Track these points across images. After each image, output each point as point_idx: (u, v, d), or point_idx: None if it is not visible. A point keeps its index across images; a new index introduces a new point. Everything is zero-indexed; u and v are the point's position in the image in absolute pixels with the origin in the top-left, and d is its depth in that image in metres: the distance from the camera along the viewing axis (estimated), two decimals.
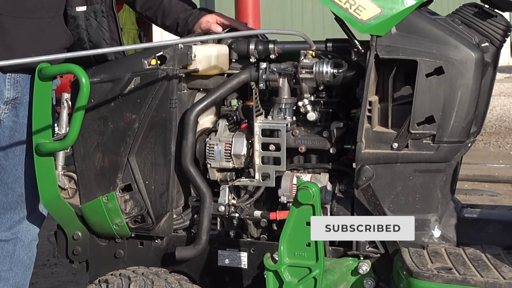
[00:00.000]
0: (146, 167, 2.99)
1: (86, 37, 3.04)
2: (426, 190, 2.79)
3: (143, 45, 3.06)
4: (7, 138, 3.04)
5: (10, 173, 3.07)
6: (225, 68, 3.07)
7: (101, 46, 3.05)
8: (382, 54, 2.75)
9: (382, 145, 2.78)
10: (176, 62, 2.92)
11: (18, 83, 3.00)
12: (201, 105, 2.98)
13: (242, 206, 2.98)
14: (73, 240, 3.13)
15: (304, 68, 2.92)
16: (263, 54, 3.05)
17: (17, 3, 2.92)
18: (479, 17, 2.83)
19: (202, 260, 3.02)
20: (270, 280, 2.65)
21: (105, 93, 2.97)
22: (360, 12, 2.74)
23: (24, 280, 3.21)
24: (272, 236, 2.99)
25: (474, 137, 2.89)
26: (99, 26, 3.04)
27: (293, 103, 2.97)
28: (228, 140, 2.97)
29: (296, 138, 2.94)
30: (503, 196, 6.53)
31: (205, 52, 2.98)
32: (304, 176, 2.93)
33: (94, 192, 3.03)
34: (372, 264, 2.84)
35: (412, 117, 2.73)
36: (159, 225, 3.02)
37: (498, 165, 7.88)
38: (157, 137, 2.97)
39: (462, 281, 2.54)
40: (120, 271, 2.93)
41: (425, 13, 2.80)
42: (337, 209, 2.88)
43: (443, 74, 2.70)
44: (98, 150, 3.01)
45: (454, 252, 2.75)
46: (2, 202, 3.10)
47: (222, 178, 2.99)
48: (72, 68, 2.85)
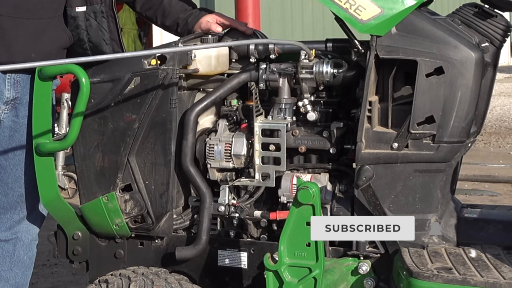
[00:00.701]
0: (146, 167, 2.99)
1: (86, 37, 3.04)
2: (426, 190, 2.79)
3: (144, 52, 3.03)
4: (7, 138, 3.04)
5: (10, 173, 3.07)
6: (225, 68, 3.07)
7: (101, 46, 3.04)
8: (382, 54, 2.75)
9: (382, 145, 2.78)
10: (176, 62, 2.92)
11: (18, 83, 3.00)
12: (201, 105, 2.98)
13: (242, 206, 2.98)
14: (73, 240, 3.13)
15: (304, 68, 2.92)
16: (263, 54, 3.05)
17: (16, 3, 2.92)
18: (479, 17, 2.83)
19: (202, 260, 3.02)
20: (270, 280, 2.65)
21: (105, 93, 2.97)
22: (360, 12, 2.74)
23: (24, 280, 3.21)
24: (272, 236, 2.99)
25: (474, 137, 2.89)
26: (99, 26, 3.03)
27: (293, 103, 2.97)
28: (228, 140, 2.97)
29: (296, 138, 2.94)
30: (503, 196, 6.53)
31: (205, 52, 2.98)
32: (304, 176, 2.93)
33: (94, 192, 3.03)
34: (372, 264, 2.84)
35: (412, 117, 2.72)
36: (159, 225, 3.02)
37: (498, 165, 7.88)
38: (157, 137, 2.97)
39: (462, 281, 2.54)
40: (120, 271, 2.93)
41: (425, 13, 2.80)
42: (337, 209, 2.88)
43: (443, 74, 2.70)
44: (98, 150, 3.01)
45: (454, 252, 2.75)
46: (2, 202, 3.10)
47: (222, 178, 2.99)
48: (72, 68, 2.85)
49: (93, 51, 3.04)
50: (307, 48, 2.89)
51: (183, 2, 3.20)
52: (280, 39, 3.21)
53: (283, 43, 3.03)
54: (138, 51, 4.46)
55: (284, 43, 3.03)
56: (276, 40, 3.05)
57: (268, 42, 3.01)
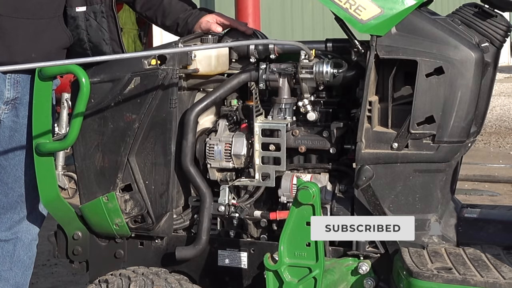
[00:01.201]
0: (146, 167, 2.99)
1: (86, 37, 3.04)
2: (426, 190, 2.79)
3: (143, 53, 3.03)
4: (7, 138, 3.04)
5: (10, 173, 3.07)
6: (225, 68, 3.07)
7: (101, 46, 3.05)
8: (382, 54, 2.75)
9: (382, 145, 2.78)
10: (176, 62, 2.92)
11: (18, 83, 3.00)
12: (201, 105, 2.98)
13: (242, 206, 2.98)
14: (73, 240, 3.13)
15: (304, 68, 2.92)
16: (263, 54, 3.05)
17: (16, 4, 2.92)
18: (479, 17, 2.83)
19: (202, 260, 3.02)
20: (270, 280, 2.65)
21: (105, 93, 2.97)
22: (360, 12, 2.74)
23: (24, 280, 3.21)
24: (272, 236, 2.99)
25: (474, 137, 2.89)
26: (98, 26, 3.04)
27: (293, 103, 2.97)
28: (228, 140, 2.97)
29: (296, 138, 2.94)
30: (503, 196, 6.53)
31: (205, 52, 2.98)
32: (304, 176, 2.93)
33: (94, 192, 3.03)
34: (372, 264, 2.83)
35: (412, 117, 2.72)
36: (159, 225, 3.02)
37: (498, 165, 7.88)
38: (157, 137, 2.97)
39: (462, 281, 2.54)
40: (120, 271, 2.93)
41: (425, 13, 2.80)
42: (337, 209, 2.88)
43: (443, 74, 2.70)
44: (98, 150, 3.01)
45: (454, 252, 2.75)
46: (2, 202, 3.10)
47: (222, 178, 2.99)
48: (72, 68, 2.85)
49: (93, 51, 3.04)
50: (307, 48, 2.89)
51: (183, 2, 3.20)
52: (280, 40, 3.20)
53: (282, 43, 3.02)
54: (139, 51, 4.47)
55: (283, 43, 3.02)
56: (275, 41, 3.05)
57: (268, 42, 3.01)
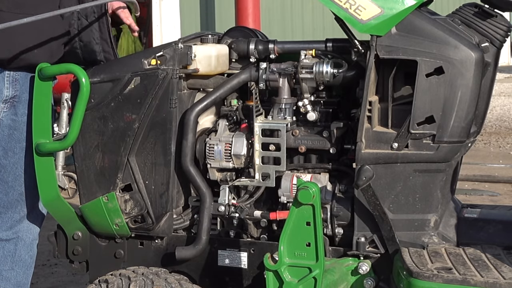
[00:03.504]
0: (146, 167, 2.99)
1: (77, 36, 3.05)
2: (426, 190, 2.79)
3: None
4: (6, 137, 3.04)
5: (10, 172, 3.07)
6: (225, 68, 3.07)
7: (91, 45, 3.05)
8: (382, 54, 2.75)
9: (382, 145, 2.78)
10: (176, 62, 2.92)
11: (16, 81, 3.00)
12: (201, 105, 2.98)
13: (242, 206, 2.98)
14: (73, 240, 3.13)
15: (304, 68, 2.92)
16: (263, 54, 3.05)
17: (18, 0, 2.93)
18: (479, 17, 2.83)
19: (202, 260, 3.02)
20: (270, 280, 2.65)
21: (105, 93, 2.97)
22: (360, 12, 2.74)
23: (25, 279, 3.21)
24: (272, 236, 2.99)
25: (474, 137, 2.89)
26: (90, 26, 3.04)
27: (293, 103, 2.97)
28: (228, 140, 2.97)
29: (296, 138, 2.94)
30: (503, 196, 6.53)
31: (205, 52, 2.98)
32: (304, 176, 2.93)
33: (94, 192, 3.03)
34: (372, 264, 2.83)
35: (412, 117, 2.73)
36: (159, 225, 3.02)
37: (498, 165, 7.88)
38: (157, 137, 2.97)
39: (462, 281, 2.53)
40: (120, 271, 2.93)
41: (425, 13, 2.80)
42: (337, 209, 2.89)
43: (443, 74, 2.70)
44: (98, 150, 3.01)
45: (454, 252, 2.75)
46: (3, 201, 3.10)
47: (222, 178, 2.99)
48: (72, 68, 2.85)
49: (83, 50, 3.05)
50: None
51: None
52: None
53: None
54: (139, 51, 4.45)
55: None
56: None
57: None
